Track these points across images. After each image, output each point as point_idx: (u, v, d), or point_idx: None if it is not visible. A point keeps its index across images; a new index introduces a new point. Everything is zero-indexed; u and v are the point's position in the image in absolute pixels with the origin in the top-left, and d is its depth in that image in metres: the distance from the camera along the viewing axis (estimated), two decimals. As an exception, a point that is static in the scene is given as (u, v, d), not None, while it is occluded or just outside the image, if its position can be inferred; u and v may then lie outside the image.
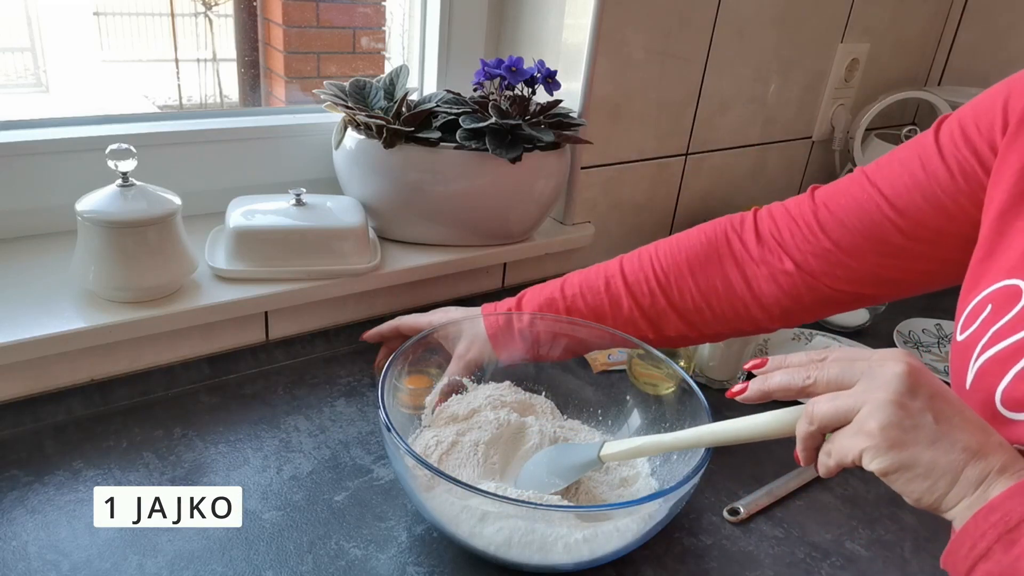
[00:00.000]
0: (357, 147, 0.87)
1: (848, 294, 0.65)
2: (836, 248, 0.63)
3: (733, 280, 0.68)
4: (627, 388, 0.76)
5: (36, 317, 0.70)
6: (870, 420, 0.42)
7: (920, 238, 0.60)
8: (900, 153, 0.61)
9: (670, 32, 1.02)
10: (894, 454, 0.41)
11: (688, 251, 0.69)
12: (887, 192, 0.60)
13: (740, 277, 0.67)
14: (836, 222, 0.63)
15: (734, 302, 0.68)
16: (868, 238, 0.61)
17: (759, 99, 1.21)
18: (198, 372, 0.80)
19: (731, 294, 0.68)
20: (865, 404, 0.43)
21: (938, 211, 0.58)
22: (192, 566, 0.58)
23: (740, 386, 0.51)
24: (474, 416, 0.71)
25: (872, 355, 0.45)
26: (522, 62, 0.85)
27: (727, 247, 0.68)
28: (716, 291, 0.68)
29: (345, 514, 0.64)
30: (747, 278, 0.67)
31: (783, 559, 0.65)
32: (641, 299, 0.70)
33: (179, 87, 1.04)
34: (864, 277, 0.63)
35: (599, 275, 0.73)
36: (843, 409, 0.44)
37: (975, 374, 0.50)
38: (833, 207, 0.64)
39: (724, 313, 0.69)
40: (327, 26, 1.06)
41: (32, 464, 0.66)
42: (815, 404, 0.46)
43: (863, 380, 0.44)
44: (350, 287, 0.85)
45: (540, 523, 0.55)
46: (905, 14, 1.37)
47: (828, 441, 0.47)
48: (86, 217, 0.70)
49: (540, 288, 0.75)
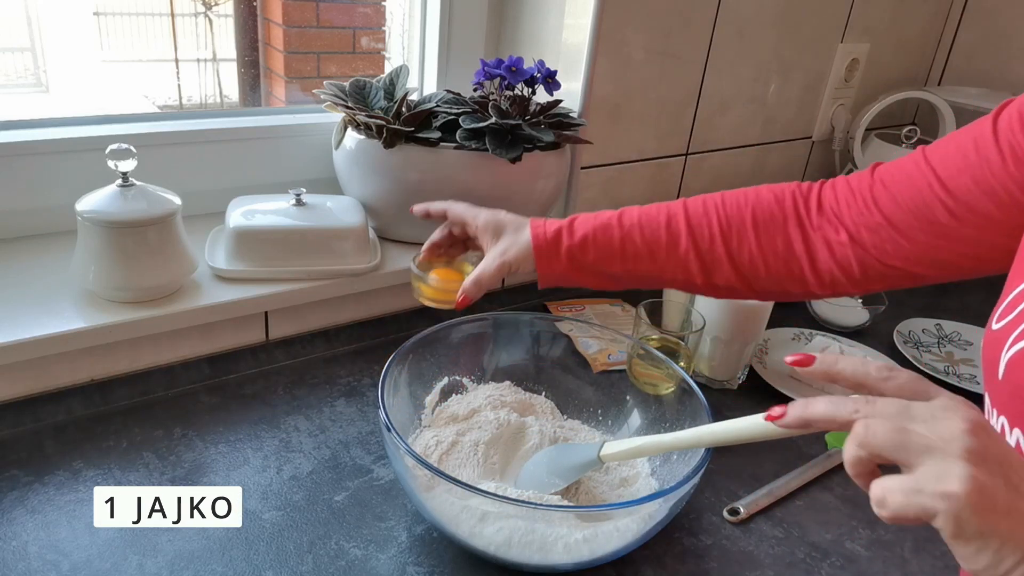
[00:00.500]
0: (357, 147, 0.87)
1: (897, 271, 0.64)
2: (887, 223, 0.63)
3: (793, 242, 0.67)
4: (627, 388, 0.76)
5: (36, 317, 0.70)
6: (949, 479, 0.36)
7: (968, 221, 0.59)
8: (959, 134, 0.61)
9: (670, 32, 1.02)
10: (977, 520, 0.36)
11: (755, 206, 0.69)
12: (940, 172, 0.60)
13: (800, 240, 0.67)
14: (889, 197, 0.63)
15: (790, 264, 0.68)
16: (918, 216, 0.61)
17: (759, 99, 1.21)
18: (198, 372, 0.80)
19: (789, 255, 0.67)
20: (934, 453, 0.37)
21: (987, 195, 0.57)
22: (192, 566, 0.58)
23: (780, 410, 0.44)
24: (474, 416, 0.71)
25: (935, 398, 0.40)
26: (522, 62, 0.85)
27: (793, 210, 0.68)
28: (775, 250, 0.68)
29: (345, 514, 0.64)
30: (807, 242, 0.67)
31: (783, 559, 0.65)
32: (700, 242, 0.69)
33: (179, 87, 1.04)
34: (913, 255, 0.63)
35: (660, 211, 0.71)
36: (904, 445, 0.38)
37: (1006, 365, 0.49)
38: (888, 182, 0.63)
39: (778, 272, 0.68)
40: (327, 26, 1.06)
41: (32, 464, 0.66)
42: (868, 426, 0.39)
43: (924, 425, 0.38)
44: (350, 287, 0.85)
45: (540, 523, 0.55)
46: (905, 14, 1.37)
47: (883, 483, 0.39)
48: (86, 217, 0.70)
49: (594, 215, 0.71)
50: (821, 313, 1.05)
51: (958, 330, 1.07)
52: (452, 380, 0.74)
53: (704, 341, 0.85)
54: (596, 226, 0.70)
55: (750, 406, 0.85)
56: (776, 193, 0.69)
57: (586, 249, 0.70)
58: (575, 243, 0.70)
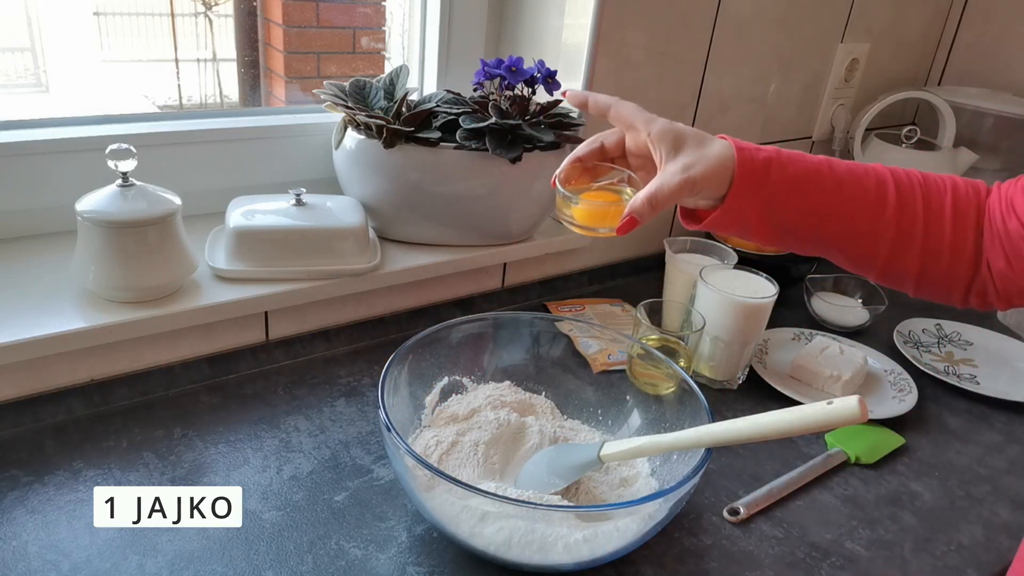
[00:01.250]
0: (357, 147, 0.87)
1: None
2: None
3: (977, 240, 0.59)
4: (627, 388, 0.76)
5: (36, 317, 0.70)
6: None
7: None
8: None
9: (670, 32, 1.02)
10: None
11: (954, 191, 0.60)
12: None
13: (979, 242, 0.59)
14: None
15: (967, 262, 0.60)
16: None
17: (759, 99, 1.21)
18: (198, 372, 0.80)
19: (974, 254, 0.60)
20: None
21: None
22: (192, 566, 0.58)
23: None
24: (474, 416, 0.71)
25: None
26: (522, 62, 0.85)
27: (977, 209, 0.60)
28: (964, 244, 0.59)
29: (345, 514, 0.64)
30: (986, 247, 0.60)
31: (783, 559, 0.65)
32: (903, 217, 0.59)
33: (179, 87, 1.04)
34: None
35: (867, 171, 0.60)
36: None
37: None
38: None
39: (957, 268, 0.60)
40: (327, 26, 1.06)
41: (32, 464, 0.66)
42: None
43: None
44: (350, 287, 0.85)
45: (540, 523, 0.55)
46: (905, 14, 1.37)
47: None
48: (86, 217, 0.70)
49: (800, 154, 0.60)
50: (821, 313, 1.05)
51: (958, 330, 1.07)
52: (452, 380, 0.74)
53: (704, 341, 0.85)
54: (808, 168, 0.58)
55: (750, 406, 0.85)
56: (968, 184, 0.61)
57: (793, 191, 0.58)
58: (786, 179, 0.57)
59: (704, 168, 0.56)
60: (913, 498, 0.74)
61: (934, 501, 0.73)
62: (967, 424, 0.86)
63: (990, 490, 0.76)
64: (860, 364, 0.90)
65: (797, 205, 0.58)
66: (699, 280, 0.86)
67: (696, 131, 0.59)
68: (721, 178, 0.57)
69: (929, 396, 0.91)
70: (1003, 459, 0.81)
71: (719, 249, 0.99)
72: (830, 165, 0.59)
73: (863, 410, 0.50)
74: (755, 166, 0.57)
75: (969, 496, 0.75)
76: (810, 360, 0.90)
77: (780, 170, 0.57)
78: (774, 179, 0.57)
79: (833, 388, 0.87)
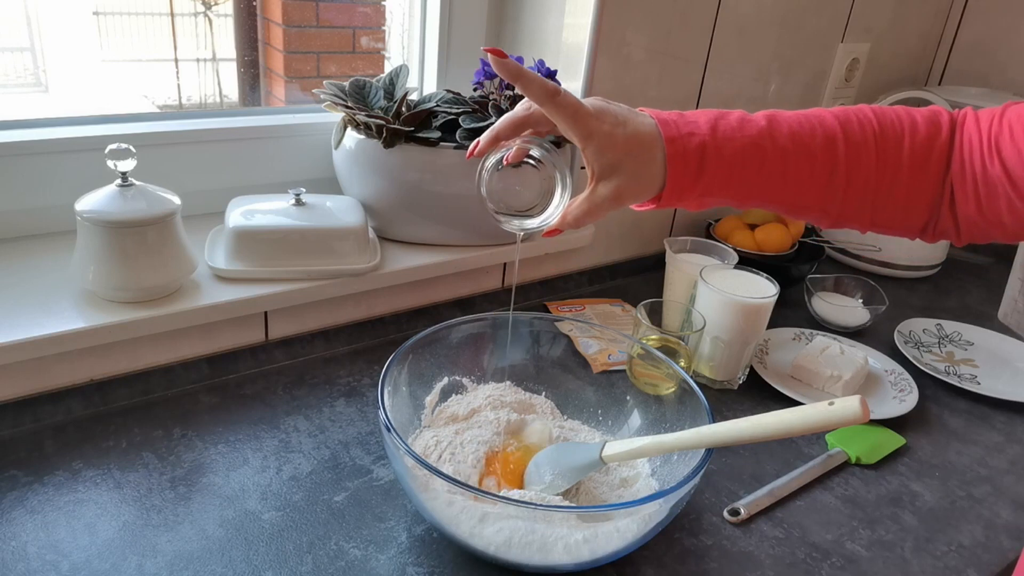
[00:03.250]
0: (357, 147, 0.87)
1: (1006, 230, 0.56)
2: (1007, 178, 0.54)
3: (938, 175, 0.57)
4: (627, 388, 0.76)
5: (36, 317, 0.69)
6: None
7: None
8: None
9: (670, 32, 1.02)
10: None
11: (911, 128, 0.58)
12: None
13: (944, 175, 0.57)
14: (1015, 149, 0.53)
15: (928, 196, 0.58)
16: None
17: (759, 99, 1.21)
18: (198, 372, 0.80)
19: (935, 187, 0.57)
20: None
21: None
22: (192, 566, 0.57)
23: None
24: (474, 416, 0.71)
25: None
26: (522, 62, 0.85)
27: (947, 142, 0.57)
28: (928, 182, 0.57)
29: (345, 514, 0.64)
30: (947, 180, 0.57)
31: (783, 560, 0.64)
32: (854, 173, 0.57)
33: (179, 87, 1.04)
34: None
35: (814, 128, 0.57)
36: None
37: None
38: (1018, 132, 0.54)
39: (913, 201, 0.58)
40: (327, 26, 1.06)
41: (32, 464, 0.66)
42: None
43: None
44: (350, 287, 0.85)
45: (540, 523, 0.55)
46: (905, 14, 1.37)
47: None
48: (85, 217, 0.70)
49: (736, 120, 0.57)
50: (821, 313, 1.05)
51: (959, 330, 1.06)
52: (452, 380, 0.74)
53: (704, 341, 0.85)
54: (747, 145, 0.56)
55: (751, 406, 0.85)
56: (928, 123, 0.58)
57: (731, 181, 0.56)
58: (723, 168, 0.56)
59: (637, 191, 0.56)
60: (914, 498, 0.74)
61: (935, 501, 0.73)
62: (968, 424, 0.86)
63: (991, 490, 0.76)
64: (861, 364, 0.90)
65: (736, 192, 0.57)
66: (699, 280, 0.85)
67: (629, 136, 0.55)
68: (652, 187, 0.56)
69: (930, 396, 0.91)
70: (1004, 459, 0.81)
71: (719, 249, 0.99)
72: (772, 134, 0.56)
73: (864, 410, 0.50)
74: (688, 163, 0.55)
75: (970, 496, 0.75)
76: (811, 360, 0.90)
77: (716, 157, 0.55)
78: (710, 172, 0.56)
79: (834, 388, 0.87)
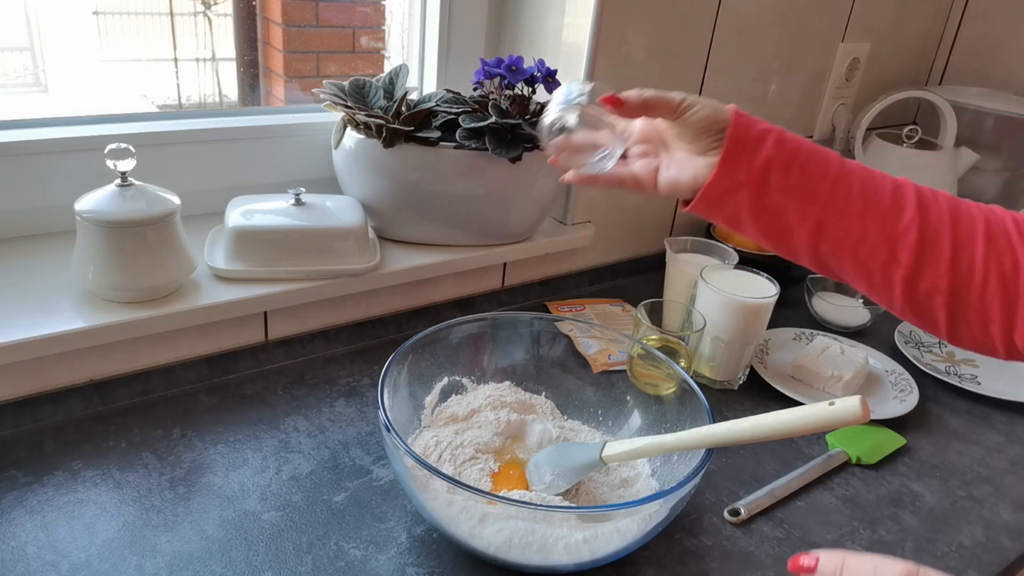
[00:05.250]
0: (356, 147, 0.87)
1: None
2: None
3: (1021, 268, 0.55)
4: (627, 388, 0.76)
5: (35, 317, 0.69)
6: None
7: None
8: None
9: (670, 32, 1.02)
10: None
11: (988, 215, 0.56)
12: None
13: None
14: None
15: (1008, 287, 0.55)
16: None
17: (760, 99, 1.21)
18: (197, 372, 0.80)
19: (1014, 278, 0.55)
20: None
21: None
22: (191, 566, 0.57)
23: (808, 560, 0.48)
24: (474, 416, 0.71)
25: None
26: (522, 61, 0.85)
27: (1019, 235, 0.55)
28: (1002, 267, 0.55)
29: (344, 515, 0.64)
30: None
31: (784, 560, 0.64)
32: (927, 223, 0.55)
33: (178, 86, 1.03)
34: None
35: (883, 175, 0.57)
36: None
37: None
38: None
39: (994, 292, 0.56)
40: (327, 25, 1.06)
41: (31, 464, 0.66)
42: None
43: None
44: (349, 287, 0.84)
45: (540, 524, 0.55)
46: (906, 14, 1.37)
47: None
48: (85, 217, 0.70)
49: (793, 136, 0.56)
50: (822, 313, 1.04)
51: (959, 330, 1.06)
52: (452, 380, 0.74)
53: (705, 341, 0.85)
54: (812, 152, 0.56)
55: (751, 406, 0.85)
56: (1003, 211, 0.57)
57: (790, 169, 0.55)
58: (784, 154, 0.54)
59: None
60: (914, 499, 0.73)
61: (935, 502, 0.73)
62: (968, 424, 0.86)
63: (991, 491, 0.76)
64: (861, 364, 0.90)
65: (799, 191, 0.56)
66: (700, 280, 0.85)
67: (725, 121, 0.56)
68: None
69: (930, 396, 0.91)
70: (1004, 459, 0.81)
71: (720, 249, 0.99)
72: (841, 159, 0.57)
73: (865, 410, 0.50)
74: (747, 141, 0.56)
75: (970, 497, 0.74)
76: (811, 360, 0.89)
77: (778, 148, 0.56)
78: (765, 155, 0.56)
79: (834, 388, 0.87)
